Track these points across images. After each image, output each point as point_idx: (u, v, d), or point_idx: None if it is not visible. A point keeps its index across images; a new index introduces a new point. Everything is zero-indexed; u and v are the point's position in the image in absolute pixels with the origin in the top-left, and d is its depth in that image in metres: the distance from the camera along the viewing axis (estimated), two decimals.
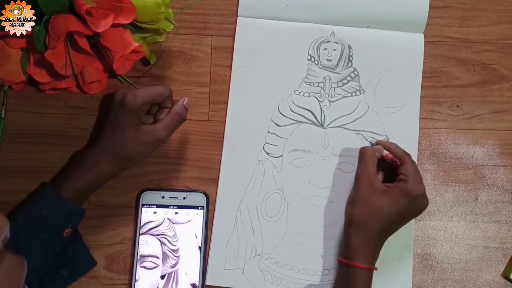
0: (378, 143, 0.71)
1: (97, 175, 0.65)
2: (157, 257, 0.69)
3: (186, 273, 0.68)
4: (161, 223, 0.70)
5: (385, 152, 0.69)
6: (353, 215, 0.65)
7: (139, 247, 0.69)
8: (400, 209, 0.64)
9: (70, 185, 0.64)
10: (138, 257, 0.69)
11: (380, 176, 0.69)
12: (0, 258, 0.41)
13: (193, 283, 0.68)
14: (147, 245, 0.69)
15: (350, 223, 0.66)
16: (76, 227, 0.67)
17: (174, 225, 0.69)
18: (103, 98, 0.74)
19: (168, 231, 0.69)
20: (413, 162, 0.67)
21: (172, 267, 0.69)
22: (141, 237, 0.69)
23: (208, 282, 0.69)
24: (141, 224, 0.70)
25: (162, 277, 0.68)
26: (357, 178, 0.67)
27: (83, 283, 0.69)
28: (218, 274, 0.69)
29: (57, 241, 0.64)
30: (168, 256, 0.69)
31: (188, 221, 0.70)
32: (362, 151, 0.69)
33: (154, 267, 0.68)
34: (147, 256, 0.69)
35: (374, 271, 0.64)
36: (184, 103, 0.65)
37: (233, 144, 0.73)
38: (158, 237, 0.69)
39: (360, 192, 0.66)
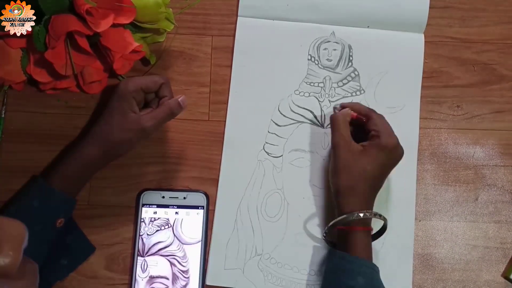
0: (342, 105, 0.70)
1: (82, 161, 0.64)
2: (167, 278, 0.68)
3: None
4: (171, 244, 0.69)
5: (351, 112, 0.69)
6: (339, 184, 0.65)
7: (149, 268, 0.68)
8: (380, 164, 0.65)
9: (58, 174, 0.64)
10: (146, 280, 0.68)
11: None
12: (23, 267, 0.40)
13: None
14: (156, 265, 0.68)
15: (338, 192, 0.65)
16: (69, 217, 0.67)
17: (184, 245, 0.69)
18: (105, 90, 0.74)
19: (178, 252, 0.69)
20: (380, 115, 0.67)
21: None
22: (151, 258, 0.69)
23: (208, 282, 0.69)
24: (150, 245, 0.69)
25: None
26: (335, 145, 0.66)
27: (83, 283, 0.69)
28: (218, 274, 0.69)
29: (50, 232, 0.63)
30: (178, 277, 0.68)
31: (198, 242, 0.69)
32: (333, 118, 0.68)
33: None
34: (157, 277, 0.68)
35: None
36: (180, 99, 0.65)
37: (233, 144, 0.73)
38: (168, 258, 0.69)
39: (340, 159, 0.65)
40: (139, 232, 0.69)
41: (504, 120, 0.74)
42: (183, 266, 0.68)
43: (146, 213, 0.70)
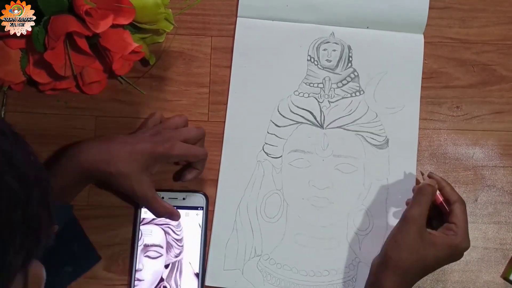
0: (431, 176, 0.67)
1: (62, 182, 0.62)
2: (161, 247, 0.69)
3: (190, 263, 0.69)
4: None
5: (437, 192, 0.66)
6: (393, 259, 0.62)
7: (143, 237, 0.69)
8: (441, 260, 0.63)
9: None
10: (140, 248, 0.69)
11: None
12: None
13: (196, 273, 0.68)
14: (151, 234, 0.69)
15: (387, 265, 0.63)
16: (78, 223, 0.68)
17: None
18: None
19: (172, 221, 0.69)
20: (465, 211, 0.64)
21: (176, 256, 0.69)
22: (145, 227, 0.69)
23: (207, 283, 0.69)
24: (142, 223, 0.70)
25: (166, 266, 0.68)
26: (408, 220, 0.63)
27: (82, 284, 0.69)
28: (218, 275, 0.69)
29: None
30: (172, 245, 0.69)
31: (197, 242, 0.69)
32: (422, 191, 0.64)
33: (158, 257, 0.69)
34: (151, 245, 0.69)
35: None
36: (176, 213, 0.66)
37: (233, 144, 0.73)
38: (162, 226, 0.69)
39: (407, 237, 0.62)
40: (139, 233, 0.69)
41: (503, 121, 0.74)
42: (177, 234, 0.69)
43: (146, 213, 0.70)
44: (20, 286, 0.37)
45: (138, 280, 0.68)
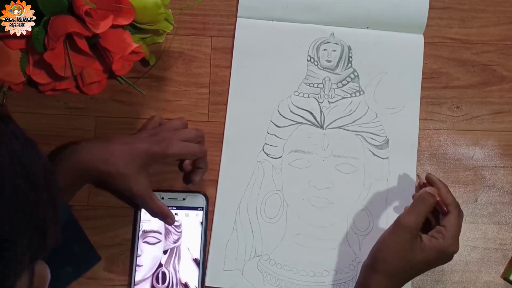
0: (429, 178, 0.66)
1: (59, 156, 0.63)
2: (160, 233, 0.69)
3: (188, 248, 0.69)
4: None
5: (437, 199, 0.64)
6: (380, 261, 0.62)
7: (142, 223, 0.69)
8: (428, 265, 0.63)
9: None
10: (142, 232, 0.69)
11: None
12: None
13: (195, 258, 0.69)
14: (149, 221, 0.69)
15: (375, 267, 0.63)
16: (77, 223, 0.68)
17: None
18: None
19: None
20: (460, 215, 0.63)
21: (175, 242, 0.69)
22: (144, 214, 0.69)
23: (207, 283, 0.69)
24: (141, 226, 0.70)
25: (165, 252, 0.69)
26: (402, 225, 0.62)
27: (82, 284, 0.69)
28: (218, 275, 0.69)
29: None
30: (170, 231, 0.69)
31: (198, 242, 0.70)
32: (421, 200, 0.63)
33: (157, 242, 0.69)
34: (150, 231, 0.69)
35: None
36: (174, 223, 0.68)
37: (233, 145, 0.73)
38: None
39: (397, 242, 0.62)
40: (139, 234, 0.69)
41: (503, 121, 0.74)
42: (175, 221, 0.69)
43: (146, 214, 0.70)
44: (26, 285, 0.38)
45: (137, 265, 0.68)
